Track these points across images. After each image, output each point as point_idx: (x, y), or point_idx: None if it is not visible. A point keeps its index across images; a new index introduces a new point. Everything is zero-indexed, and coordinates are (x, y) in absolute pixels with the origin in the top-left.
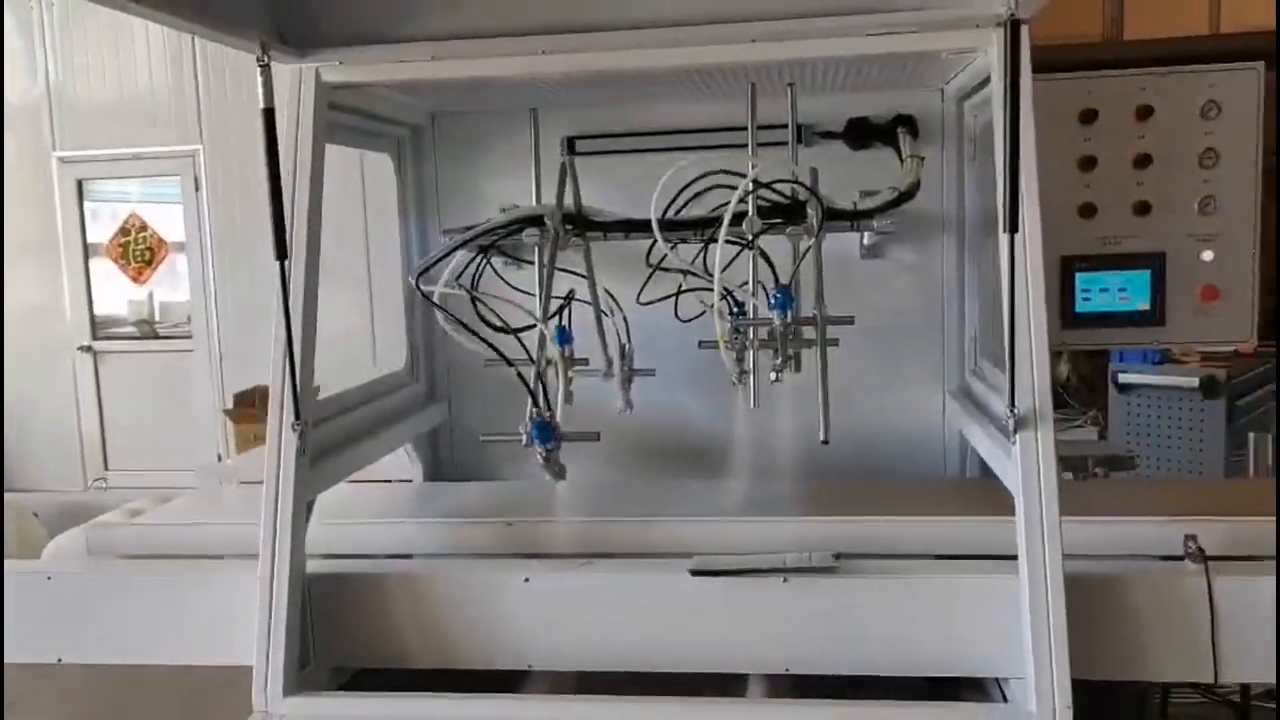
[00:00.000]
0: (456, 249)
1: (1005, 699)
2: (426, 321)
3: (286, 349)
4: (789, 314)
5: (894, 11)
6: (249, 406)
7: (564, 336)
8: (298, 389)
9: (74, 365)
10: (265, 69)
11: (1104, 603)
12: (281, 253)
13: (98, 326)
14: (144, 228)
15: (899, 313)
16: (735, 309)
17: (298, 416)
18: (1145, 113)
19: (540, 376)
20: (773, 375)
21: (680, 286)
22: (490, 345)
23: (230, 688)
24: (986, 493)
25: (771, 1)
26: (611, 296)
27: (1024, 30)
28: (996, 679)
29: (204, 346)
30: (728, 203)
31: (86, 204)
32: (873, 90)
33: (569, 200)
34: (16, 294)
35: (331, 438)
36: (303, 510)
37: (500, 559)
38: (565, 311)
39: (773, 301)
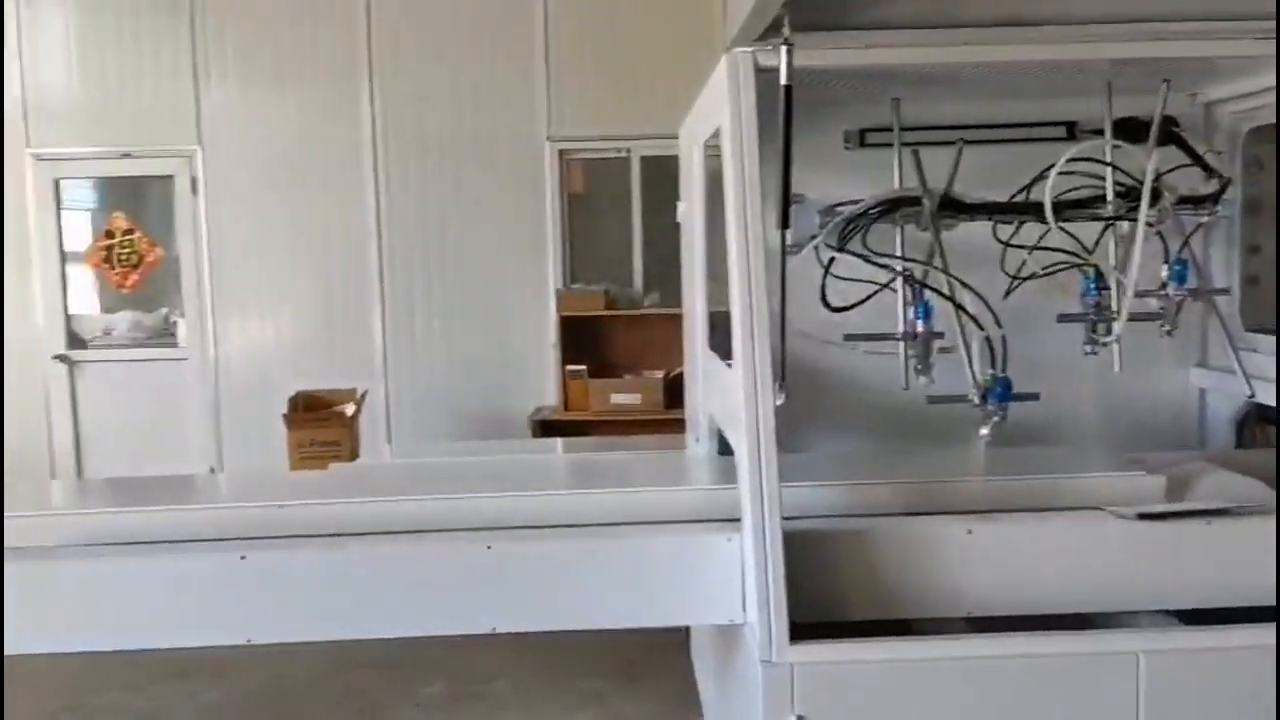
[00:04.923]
0: (867, 211)
1: None
2: None
3: (781, 313)
4: (1184, 285)
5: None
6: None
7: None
8: (785, 351)
9: (45, 376)
10: (789, 48)
11: None
12: (785, 223)
13: (76, 334)
14: (130, 231)
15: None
16: (1100, 286)
17: (783, 379)
18: None
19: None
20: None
21: (1022, 265)
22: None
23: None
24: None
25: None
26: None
27: None
28: None
29: (197, 355)
30: (1087, 188)
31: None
32: (1129, 95)
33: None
34: None
35: None
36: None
37: (927, 516)
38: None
39: (1172, 273)
